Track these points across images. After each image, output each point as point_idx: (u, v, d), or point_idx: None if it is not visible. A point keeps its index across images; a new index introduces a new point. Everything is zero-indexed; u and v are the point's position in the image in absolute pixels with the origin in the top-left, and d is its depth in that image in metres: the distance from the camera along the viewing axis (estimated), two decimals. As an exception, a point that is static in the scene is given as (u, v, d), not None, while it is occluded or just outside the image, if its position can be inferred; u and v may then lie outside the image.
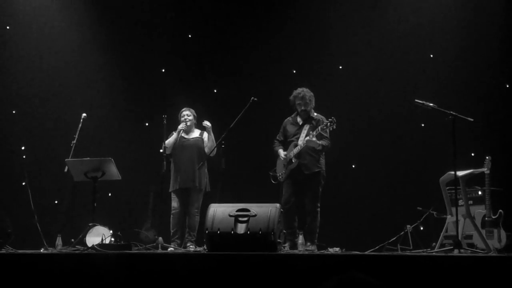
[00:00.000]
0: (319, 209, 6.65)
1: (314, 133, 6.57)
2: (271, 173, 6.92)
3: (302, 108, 6.80)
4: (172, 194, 7.21)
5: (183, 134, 7.28)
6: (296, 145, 6.70)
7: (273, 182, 6.89)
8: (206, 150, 7.24)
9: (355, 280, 2.24)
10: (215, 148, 7.11)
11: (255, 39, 8.97)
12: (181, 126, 7.23)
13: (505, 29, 8.30)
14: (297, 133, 6.76)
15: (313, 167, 6.66)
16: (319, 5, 8.88)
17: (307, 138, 6.59)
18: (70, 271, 4.84)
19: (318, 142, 6.57)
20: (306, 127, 6.68)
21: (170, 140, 7.23)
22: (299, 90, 6.84)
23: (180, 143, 7.19)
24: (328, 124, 6.52)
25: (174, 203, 7.16)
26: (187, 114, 7.34)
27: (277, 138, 7.02)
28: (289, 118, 6.97)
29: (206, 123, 7.19)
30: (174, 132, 7.30)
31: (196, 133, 7.38)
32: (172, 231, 7.08)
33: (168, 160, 7.12)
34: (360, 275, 2.25)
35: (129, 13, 9.00)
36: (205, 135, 7.34)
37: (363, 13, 8.76)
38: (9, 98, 8.89)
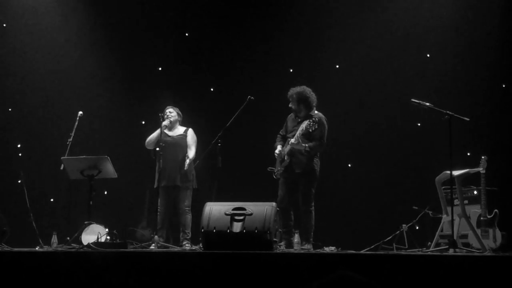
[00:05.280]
0: (312, 209, 6.63)
1: (300, 132, 6.54)
2: (269, 169, 6.91)
3: (292, 108, 6.80)
4: (159, 192, 7.17)
5: (166, 131, 7.26)
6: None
7: (274, 177, 6.87)
8: (188, 152, 7.22)
9: (344, 278, 2.25)
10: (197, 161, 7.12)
11: (252, 38, 8.97)
12: (165, 123, 7.18)
13: (501, 29, 8.31)
14: (294, 130, 6.72)
15: (304, 166, 6.63)
16: (316, 5, 8.88)
17: (292, 140, 6.58)
18: (66, 269, 4.84)
19: (303, 144, 6.53)
20: (302, 126, 6.64)
21: (152, 136, 7.21)
22: (290, 91, 6.80)
23: (164, 140, 7.16)
24: (311, 123, 6.51)
25: (160, 202, 7.12)
26: (170, 111, 7.33)
27: (280, 133, 6.99)
28: (292, 114, 6.94)
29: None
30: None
31: (180, 130, 7.36)
32: (157, 228, 7.06)
33: (159, 157, 7.08)
34: (350, 273, 2.26)
35: (126, 11, 8.99)
36: (189, 132, 7.33)
37: (360, 13, 8.76)
38: (5, 96, 8.88)
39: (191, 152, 7.20)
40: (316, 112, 6.77)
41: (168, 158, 7.11)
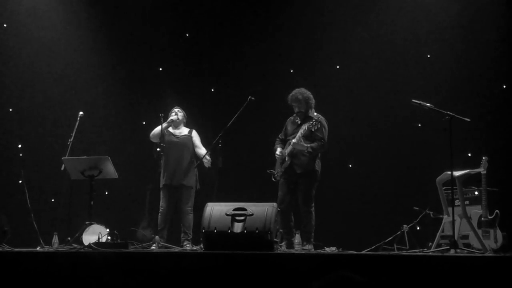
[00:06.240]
0: (313, 209, 6.63)
1: (302, 132, 6.55)
2: (268, 171, 6.91)
3: (297, 110, 6.81)
4: (161, 192, 7.19)
5: (171, 130, 7.29)
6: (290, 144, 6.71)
7: (273, 180, 6.87)
8: (199, 151, 7.23)
9: (344, 279, 2.25)
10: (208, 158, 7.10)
11: (252, 38, 8.97)
12: (173, 117, 7.24)
13: (502, 30, 8.30)
14: (295, 132, 6.75)
15: (306, 166, 6.63)
16: (316, 5, 8.88)
17: (293, 141, 6.59)
18: (67, 270, 4.84)
19: (305, 145, 6.54)
20: (304, 126, 6.65)
21: (157, 129, 7.17)
22: (293, 92, 6.81)
23: (169, 140, 7.18)
24: (314, 123, 6.52)
25: (162, 202, 7.16)
26: (178, 110, 7.37)
27: (279, 136, 7.01)
28: (291, 117, 6.96)
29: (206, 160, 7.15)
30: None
31: (185, 131, 7.38)
32: (158, 228, 7.08)
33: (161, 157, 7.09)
34: (348, 274, 2.27)
35: (126, 11, 8.99)
36: (194, 133, 7.33)
37: (361, 13, 8.76)
38: (6, 96, 8.88)
39: (203, 150, 7.21)
40: (315, 113, 6.79)
41: (173, 158, 7.13)
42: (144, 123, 8.88)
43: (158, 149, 7.01)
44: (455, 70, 8.43)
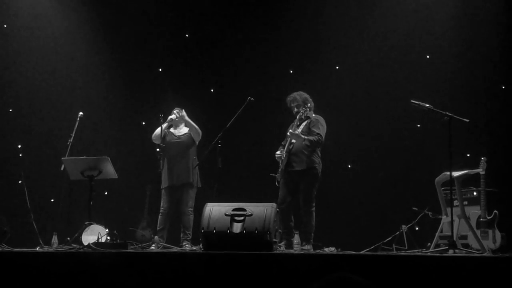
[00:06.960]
0: (313, 209, 6.63)
1: (298, 126, 6.57)
2: (271, 175, 6.90)
3: (295, 110, 6.83)
4: (162, 192, 7.20)
5: (172, 130, 7.30)
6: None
7: (276, 184, 6.86)
8: (197, 138, 7.25)
9: (343, 279, 2.26)
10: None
11: (252, 39, 8.98)
12: (171, 116, 7.25)
13: (501, 31, 8.31)
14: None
15: (305, 164, 6.64)
16: (316, 5, 8.90)
17: (290, 130, 6.62)
18: (66, 270, 4.84)
19: (302, 136, 6.57)
20: (302, 125, 6.70)
21: (158, 130, 7.19)
22: (291, 94, 6.86)
23: (170, 140, 7.19)
24: (303, 111, 6.59)
25: (164, 203, 7.16)
26: (177, 111, 7.36)
27: (282, 143, 7.02)
28: (292, 124, 6.98)
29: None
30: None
31: (185, 130, 7.39)
32: (158, 228, 7.09)
33: (163, 157, 7.10)
34: (348, 275, 2.27)
35: (126, 12, 9.00)
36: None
37: (360, 13, 8.77)
38: (6, 96, 8.89)
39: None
40: (313, 115, 6.81)
41: (174, 158, 7.14)
42: (143, 123, 8.90)
43: (157, 150, 7.03)
44: (454, 71, 8.44)
